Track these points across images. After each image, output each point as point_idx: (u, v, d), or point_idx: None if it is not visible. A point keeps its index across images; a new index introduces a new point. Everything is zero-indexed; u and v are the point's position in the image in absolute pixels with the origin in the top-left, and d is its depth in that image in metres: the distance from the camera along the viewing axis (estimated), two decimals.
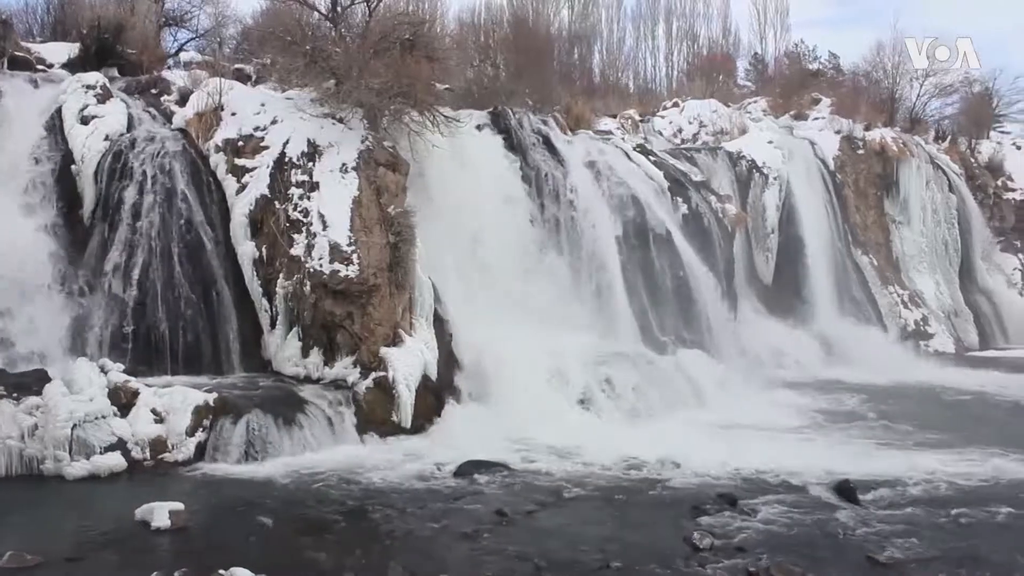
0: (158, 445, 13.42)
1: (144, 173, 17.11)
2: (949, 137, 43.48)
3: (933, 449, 16.04)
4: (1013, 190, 42.97)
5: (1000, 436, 17.30)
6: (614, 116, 32.31)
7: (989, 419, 19.85)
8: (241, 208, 17.21)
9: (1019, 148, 46.98)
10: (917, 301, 33.84)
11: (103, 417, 13.29)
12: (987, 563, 10.11)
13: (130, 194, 16.86)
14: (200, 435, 13.65)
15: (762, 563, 9.89)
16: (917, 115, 43.21)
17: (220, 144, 18.07)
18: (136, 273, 16.16)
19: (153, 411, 13.69)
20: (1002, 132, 50.57)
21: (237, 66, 22.04)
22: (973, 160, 42.78)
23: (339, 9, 20.59)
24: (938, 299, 34.68)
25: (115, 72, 20.84)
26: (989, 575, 9.74)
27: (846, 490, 12.72)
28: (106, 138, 17.61)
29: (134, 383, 14.12)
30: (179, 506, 10.80)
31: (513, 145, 22.75)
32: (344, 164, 17.71)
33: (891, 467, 14.36)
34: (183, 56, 24.55)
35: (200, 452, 13.61)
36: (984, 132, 47.07)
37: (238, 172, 17.71)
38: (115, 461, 12.93)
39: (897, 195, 36.07)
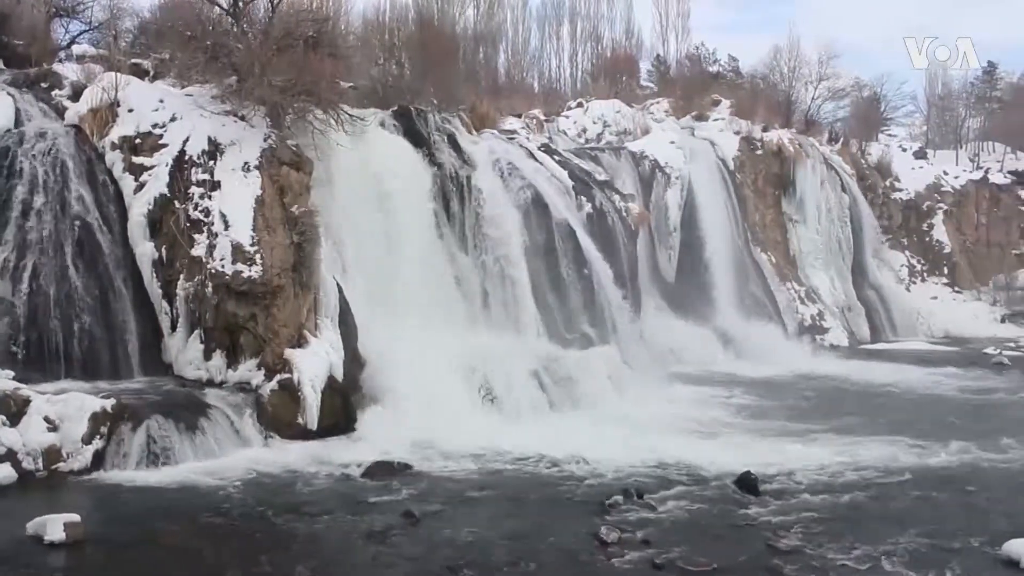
0: (52, 455, 12.91)
1: (34, 171, 16.39)
2: (841, 139, 45.17)
3: (830, 438, 16.72)
4: (900, 190, 44.95)
5: (890, 424, 18.22)
6: (519, 116, 32.53)
7: (879, 408, 20.77)
8: (139, 208, 16.72)
9: (905, 150, 49.22)
10: (813, 297, 35.07)
11: None
12: (877, 544, 10.59)
13: (19, 193, 16.11)
14: (98, 443, 13.20)
15: (668, 555, 10.12)
16: (812, 117, 44.78)
17: (116, 141, 17.51)
18: (26, 276, 15.46)
19: (46, 419, 13.15)
20: (889, 135, 52.91)
21: (134, 61, 21.31)
22: (863, 161, 44.59)
23: (240, 4, 20.14)
24: (832, 295, 36.03)
25: (0, 64, 19.94)
26: (880, 556, 10.19)
27: (747, 481, 13.11)
28: None
29: (25, 390, 13.53)
30: (75, 518, 10.38)
31: (418, 144, 22.64)
32: (246, 163, 17.37)
33: (791, 457, 14.92)
34: (75, 49, 23.55)
35: (98, 461, 13.16)
36: (873, 135, 49.16)
37: (136, 170, 17.20)
38: (4, 473, 12.36)
39: (794, 195, 37.30)
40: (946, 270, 43.65)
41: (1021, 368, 28.70)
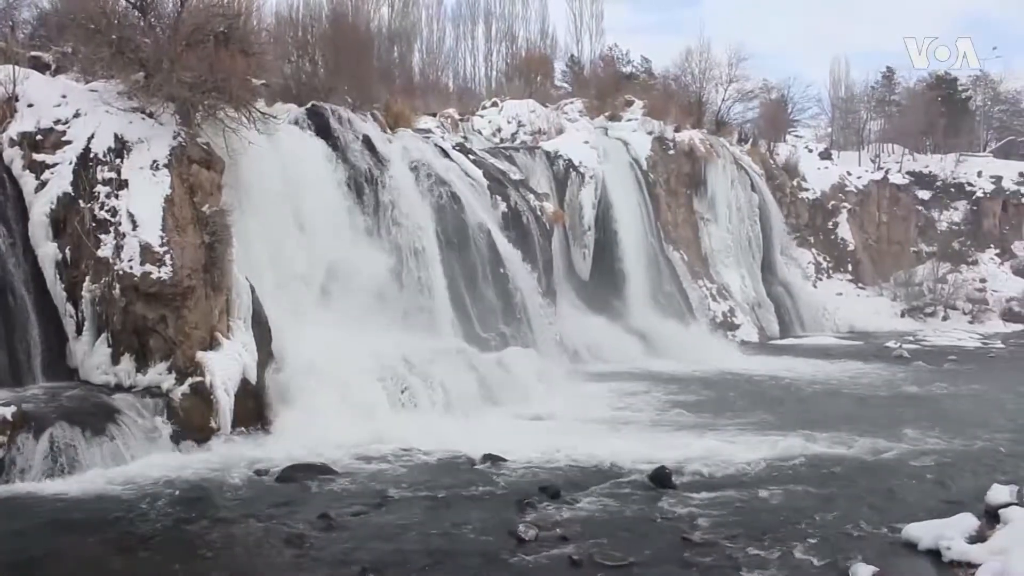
0: None
1: None
2: (751, 140, 46.37)
3: (741, 431, 17.14)
4: (807, 190, 46.41)
5: (797, 417, 18.83)
6: (434, 115, 32.48)
7: (788, 402, 21.43)
8: (41, 207, 16.12)
9: (811, 151, 50.75)
10: (724, 294, 35.92)
11: None
12: (787, 534, 10.93)
13: None
14: None
15: (584, 550, 10.25)
16: (722, 118, 45.86)
17: (15, 138, 16.85)
18: None
19: None
20: (796, 136, 54.55)
21: (33, 54, 20.53)
22: (772, 162, 45.88)
23: None
24: (743, 292, 36.99)
25: None
26: (789, 544, 10.51)
27: (662, 476, 13.34)
28: None
29: None
30: None
31: (332, 143, 22.42)
32: (155, 161, 16.91)
33: (704, 451, 15.25)
34: None
35: None
36: (781, 136, 50.60)
37: (37, 168, 16.57)
38: None
39: (705, 194, 38.17)
40: (850, 267, 45.28)
41: (920, 360, 29.98)
